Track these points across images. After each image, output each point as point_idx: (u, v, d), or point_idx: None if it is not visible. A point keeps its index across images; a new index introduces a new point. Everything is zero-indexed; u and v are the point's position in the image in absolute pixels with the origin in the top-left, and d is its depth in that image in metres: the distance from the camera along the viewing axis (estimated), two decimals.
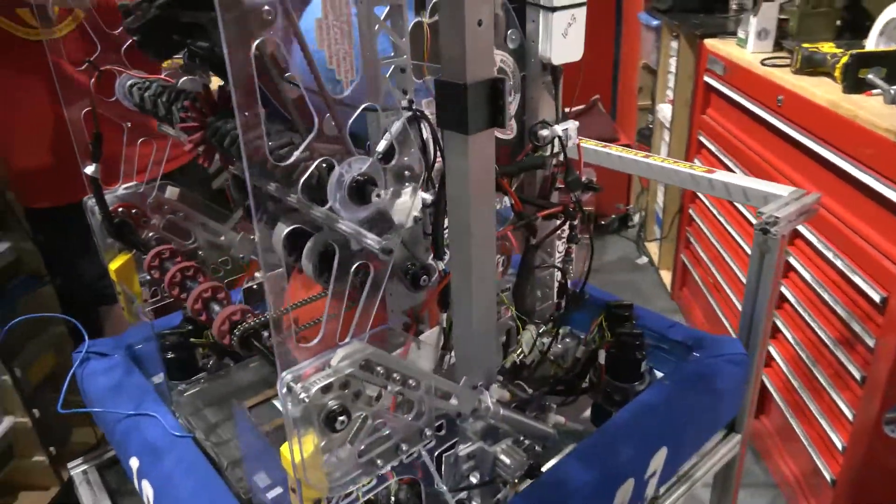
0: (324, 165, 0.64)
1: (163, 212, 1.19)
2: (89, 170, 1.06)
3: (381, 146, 0.81)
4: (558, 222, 1.10)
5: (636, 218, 3.64)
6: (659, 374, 1.27)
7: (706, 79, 2.20)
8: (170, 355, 1.20)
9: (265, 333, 0.89)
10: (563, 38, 0.96)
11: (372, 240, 0.71)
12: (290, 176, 0.69)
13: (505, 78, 0.70)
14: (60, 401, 1.19)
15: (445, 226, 0.94)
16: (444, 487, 0.89)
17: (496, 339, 0.89)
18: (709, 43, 2.18)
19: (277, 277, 1.11)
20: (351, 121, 0.70)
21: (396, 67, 0.85)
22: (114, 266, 1.14)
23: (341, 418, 0.66)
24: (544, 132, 1.01)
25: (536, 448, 1.04)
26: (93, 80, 1.02)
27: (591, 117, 3.96)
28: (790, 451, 1.71)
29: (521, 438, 1.00)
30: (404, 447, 0.77)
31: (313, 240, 0.82)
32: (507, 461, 0.91)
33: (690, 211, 2.44)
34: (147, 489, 1.01)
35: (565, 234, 1.17)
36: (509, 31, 0.96)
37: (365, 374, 0.68)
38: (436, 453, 0.88)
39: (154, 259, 0.99)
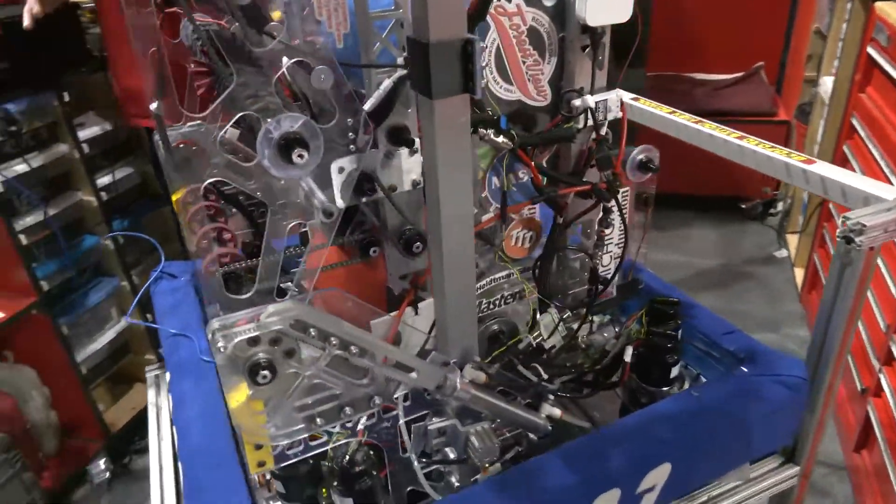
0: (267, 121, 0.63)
1: (224, 151, 1.26)
2: (153, 106, 1.14)
3: (368, 105, 0.79)
4: (591, 203, 1.01)
5: (780, 205, 3.24)
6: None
7: (869, 50, 1.86)
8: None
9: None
10: None
11: (318, 200, 0.70)
12: None
13: (475, 39, 0.64)
14: (130, 311, 1.33)
15: None
16: (412, 455, 0.89)
17: (474, 316, 0.85)
18: (880, 6, 1.82)
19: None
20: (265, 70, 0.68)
21: (396, 22, 0.81)
22: (175, 198, 1.24)
23: (263, 373, 0.67)
24: (576, 102, 0.92)
25: (531, 437, 0.99)
26: (158, 21, 1.09)
27: (749, 86, 3.54)
28: (883, 493, 1.47)
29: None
30: (349, 410, 0.77)
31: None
32: (477, 444, 0.88)
33: (831, 205, 2.12)
34: (170, 402, 1.11)
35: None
36: None
37: (298, 333, 0.68)
38: (401, 421, 0.88)
39: (188, 196, 1.06)
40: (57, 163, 1.76)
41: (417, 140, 0.86)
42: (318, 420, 0.76)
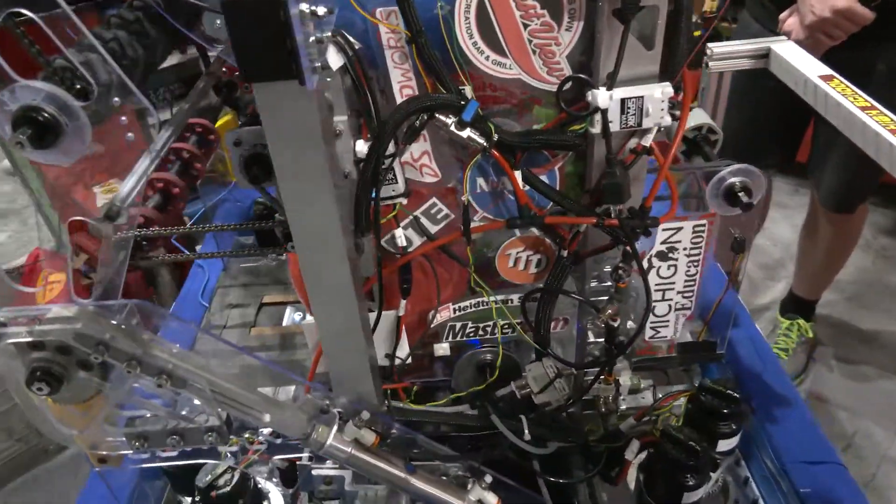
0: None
1: None
2: None
3: None
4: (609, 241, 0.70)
5: None
6: None
7: None
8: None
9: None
10: None
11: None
12: None
13: (285, 2, 0.41)
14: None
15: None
16: (303, 492, 0.75)
17: (364, 356, 0.64)
18: None
19: None
20: None
21: None
22: (218, 124, 1.17)
23: (38, 385, 0.56)
24: (589, 96, 0.61)
25: None
26: None
27: None
28: None
29: None
30: (175, 439, 0.64)
31: None
32: None
33: None
34: None
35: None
36: None
37: (82, 348, 0.56)
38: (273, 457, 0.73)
39: None
40: (189, 63, 1.85)
41: (342, 119, 0.65)
42: (142, 440, 0.64)
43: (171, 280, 1.48)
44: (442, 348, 0.87)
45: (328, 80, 0.62)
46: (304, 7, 0.42)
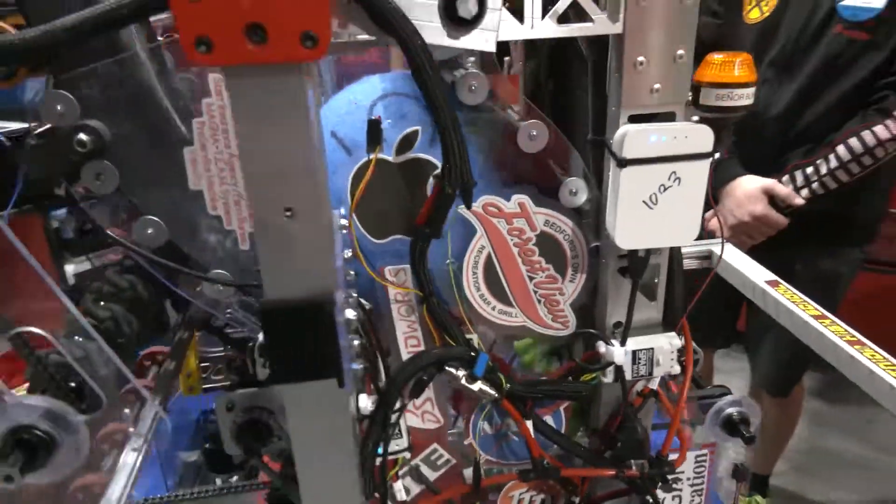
0: None
1: None
2: None
3: None
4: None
5: None
6: None
7: None
8: None
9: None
10: (645, 210, 0.55)
11: None
12: None
13: (330, 307, 0.39)
14: None
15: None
16: None
17: None
18: None
19: None
20: None
21: None
22: None
23: None
24: (601, 348, 0.61)
25: None
26: None
27: None
28: None
29: None
30: None
31: None
32: None
33: None
34: None
35: None
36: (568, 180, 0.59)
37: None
38: None
39: None
40: None
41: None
42: None
43: None
44: None
45: None
46: (351, 314, 0.40)
